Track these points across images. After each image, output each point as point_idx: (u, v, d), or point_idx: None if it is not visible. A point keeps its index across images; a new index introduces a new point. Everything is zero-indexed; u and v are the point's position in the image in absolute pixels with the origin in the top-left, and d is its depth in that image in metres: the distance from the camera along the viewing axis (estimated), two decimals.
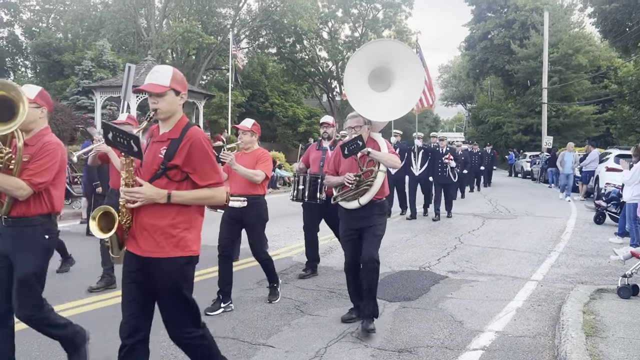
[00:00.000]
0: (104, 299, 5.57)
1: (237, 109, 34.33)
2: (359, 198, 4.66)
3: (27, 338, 4.34)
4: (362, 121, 4.78)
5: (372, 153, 4.66)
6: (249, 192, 5.30)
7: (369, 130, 4.86)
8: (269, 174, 5.42)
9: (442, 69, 76.76)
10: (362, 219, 4.73)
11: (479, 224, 11.64)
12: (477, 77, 51.70)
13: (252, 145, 5.51)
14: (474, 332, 4.75)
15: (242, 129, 5.46)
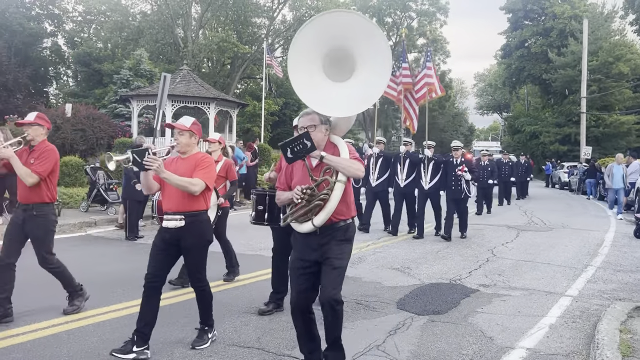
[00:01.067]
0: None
1: (271, 117, 34.61)
2: (312, 218, 3.65)
3: (57, 342, 4.42)
4: (317, 119, 3.75)
5: (328, 158, 3.62)
6: (186, 208, 4.31)
7: (327, 132, 3.84)
8: (211, 184, 4.44)
9: (477, 77, 75.95)
10: (319, 247, 3.71)
11: (512, 236, 11.39)
12: (513, 85, 50.92)
13: (190, 149, 4.48)
14: (504, 349, 4.62)
15: (179, 128, 4.44)
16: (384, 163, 11.18)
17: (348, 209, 3.80)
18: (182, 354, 4.28)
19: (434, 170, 10.82)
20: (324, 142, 3.81)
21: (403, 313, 5.57)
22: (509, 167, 20.49)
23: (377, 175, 11.09)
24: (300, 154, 3.58)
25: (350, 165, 3.65)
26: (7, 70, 27.86)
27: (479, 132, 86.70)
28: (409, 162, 10.87)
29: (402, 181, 10.89)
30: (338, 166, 3.63)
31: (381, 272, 7.54)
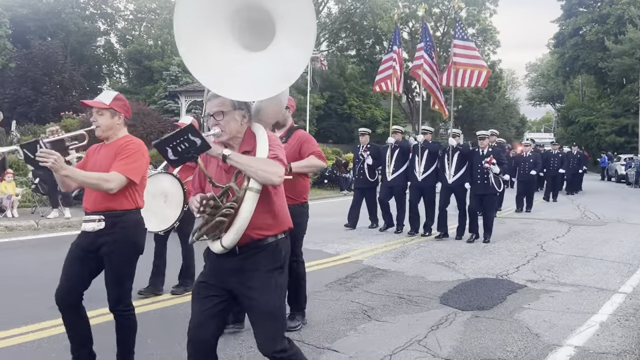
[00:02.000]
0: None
1: (316, 111, 34.68)
2: (222, 236, 2.75)
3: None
4: (229, 103, 2.82)
5: (233, 158, 2.69)
6: (106, 206, 3.42)
7: (245, 120, 2.90)
8: (136, 176, 3.43)
9: (529, 67, 73.79)
10: (238, 273, 2.82)
11: (564, 230, 11.02)
12: (567, 75, 49.20)
13: (113, 133, 3.53)
14: (551, 346, 4.47)
15: (96, 106, 3.49)
16: (401, 155, 10.22)
17: (277, 221, 2.89)
18: (223, 344, 4.34)
19: (460, 162, 9.53)
20: (242, 134, 2.90)
21: (446, 308, 5.48)
22: (558, 158, 18.59)
23: (392, 169, 10.23)
24: (189, 155, 2.63)
25: (260, 168, 2.69)
26: (63, 68, 28.96)
27: (531, 124, 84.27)
28: (428, 153, 9.75)
29: (419, 174, 9.81)
30: (246, 169, 2.70)
31: (425, 266, 7.44)
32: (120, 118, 3.54)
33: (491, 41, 47.12)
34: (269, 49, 2.75)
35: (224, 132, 2.82)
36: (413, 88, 49.17)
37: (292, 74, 2.78)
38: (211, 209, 2.67)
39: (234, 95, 2.77)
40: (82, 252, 3.47)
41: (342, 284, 6.33)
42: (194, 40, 2.80)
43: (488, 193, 9.37)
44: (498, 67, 49.00)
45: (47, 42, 31.68)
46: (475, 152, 9.54)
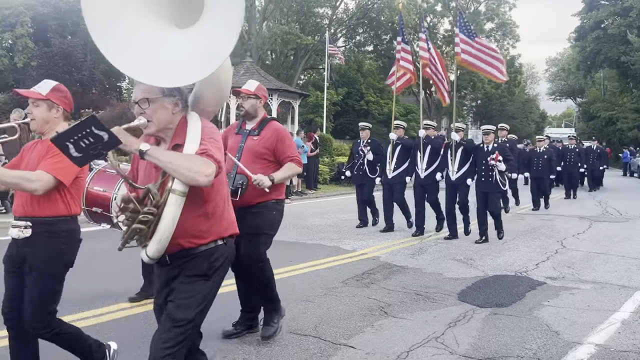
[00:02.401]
0: None
1: (333, 107, 34.61)
2: (146, 245, 2.43)
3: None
4: (157, 90, 2.48)
5: (152, 154, 2.32)
6: (34, 212, 3.01)
7: (179, 108, 2.56)
8: (65, 178, 2.97)
9: (549, 62, 72.70)
10: (168, 283, 2.61)
11: (585, 227, 10.85)
12: (588, 69, 48.31)
13: (49, 127, 3.13)
14: (571, 344, 4.41)
15: (31, 97, 3.11)
16: (403, 151, 9.68)
17: (213, 227, 2.56)
18: (241, 339, 4.36)
19: (463, 158, 9.03)
20: (174, 124, 2.55)
21: (464, 305, 5.43)
22: (575, 154, 17.55)
23: (394, 166, 9.64)
24: (95, 152, 2.27)
25: (182, 166, 2.30)
26: (83, 66, 29.29)
27: (551, 119, 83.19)
28: (431, 149, 9.35)
29: (422, 171, 9.39)
30: (166, 167, 2.33)
31: (443, 263, 7.38)
32: (58, 111, 3.15)
33: (510, 35, 46.51)
34: (197, 26, 2.38)
35: (152, 123, 2.49)
36: (431, 84, 48.87)
37: (221, 53, 2.34)
38: (131, 213, 2.32)
39: (155, 80, 2.38)
40: (11, 263, 3.10)
41: (359, 280, 6.31)
42: (108, 16, 2.37)
43: (492, 191, 8.82)
44: (517, 62, 48.37)
45: (67, 40, 32.06)
46: (479, 148, 8.98)
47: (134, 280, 5.51)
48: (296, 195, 15.37)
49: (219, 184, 2.59)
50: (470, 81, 44.89)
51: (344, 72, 38.53)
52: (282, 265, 6.91)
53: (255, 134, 4.22)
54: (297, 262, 7.11)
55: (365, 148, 10.01)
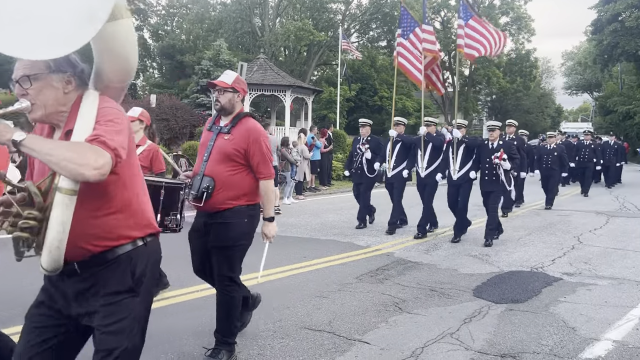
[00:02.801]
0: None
1: (347, 103, 34.56)
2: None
3: None
4: (41, 64, 2.06)
5: (28, 145, 1.89)
6: None
7: (71, 86, 2.15)
8: None
9: (565, 56, 71.83)
10: (79, 298, 2.16)
11: (602, 222, 10.73)
12: (605, 63, 47.66)
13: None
14: (588, 340, 4.36)
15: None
16: (403, 149, 9.23)
17: (127, 222, 2.18)
18: (255, 334, 4.37)
19: (465, 156, 8.56)
20: (67, 106, 2.13)
21: (479, 301, 5.39)
22: (590, 150, 17.11)
23: (393, 164, 9.23)
24: None
25: (65, 157, 1.85)
26: None
27: (567, 114, 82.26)
28: (432, 147, 8.88)
29: (422, 170, 8.95)
30: (46, 160, 1.88)
31: (458, 259, 7.35)
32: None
33: (525, 29, 46.06)
34: None
35: (36, 106, 2.05)
36: (445, 79, 48.56)
37: (99, 16, 1.92)
38: (13, 218, 1.91)
39: (26, 52, 1.89)
40: None
41: (373, 276, 6.30)
42: None
43: (496, 190, 8.36)
44: (533, 56, 47.89)
45: None
46: (484, 145, 8.51)
47: None
48: (310, 192, 15.38)
49: (129, 175, 2.16)
50: (485, 76, 44.55)
51: (357, 68, 38.45)
52: (296, 261, 6.95)
53: (226, 132, 3.75)
54: (311, 258, 7.12)
55: (363, 146, 9.53)
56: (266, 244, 3.95)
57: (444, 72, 48.17)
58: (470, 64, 45.81)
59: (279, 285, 5.86)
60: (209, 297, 4.76)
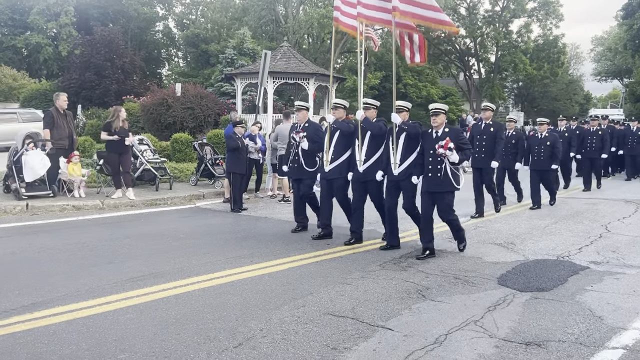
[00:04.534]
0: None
1: (370, 91, 34.37)
2: None
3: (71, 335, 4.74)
4: None
5: None
6: None
7: None
8: None
9: (594, 41, 70.15)
10: None
11: (631, 210, 10.52)
12: (636, 48, 46.41)
13: None
14: (615, 329, 4.31)
15: None
16: (342, 139, 7.49)
17: None
18: (280, 320, 4.43)
19: (407, 147, 6.89)
20: None
21: (504, 289, 5.36)
22: (597, 137, 14.41)
23: (331, 156, 7.51)
24: None
25: None
26: (124, 53, 29.86)
27: (596, 101, 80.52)
28: (371, 136, 7.22)
29: (360, 164, 7.24)
30: None
31: (482, 247, 7.29)
32: None
33: (554, 15, 45.05)
34: None
35: None
36: (471, 65, 47.86)
37: None
38: None
39: None
40: None
41: (397, 264, 6.30)
42: None
43: (442, 191, 6.63)
44: (561, 42, 46.87)
45: (109, 28, 32.71)
46: (427, 134, 6.75)
47: (173, 262, 5.66)
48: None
49: None
50: (512, 62, 43.78)
51: (381, 55, 38.17)
52: (320, 248, 6.99)
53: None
54: (334, 246, 7.14)
55: (298, 135, 7.82)
56: None
57: (470, 58, 47.51)
58: (496, 50, 45.07)
59: (303, 271, 5.90)
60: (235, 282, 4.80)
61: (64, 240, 7.15)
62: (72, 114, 11.83)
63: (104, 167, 10.77)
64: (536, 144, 10.89)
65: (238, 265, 6.09)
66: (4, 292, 4.95)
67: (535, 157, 10.82)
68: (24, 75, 33.54)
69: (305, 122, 8.11)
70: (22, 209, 9.18)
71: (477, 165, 9.84)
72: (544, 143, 10.78)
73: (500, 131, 9.89)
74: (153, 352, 3.77)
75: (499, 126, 10.03)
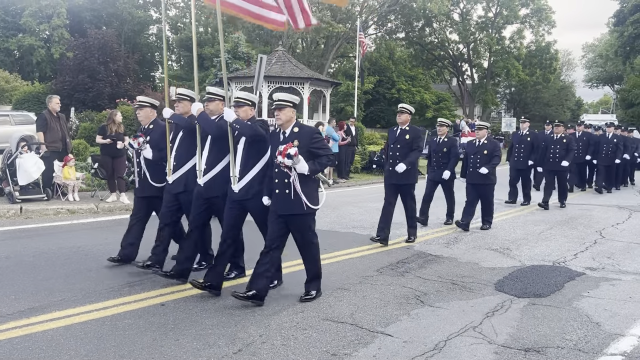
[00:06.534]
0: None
1: (364, 95, 34.42)
2: None
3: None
4: None
5: None
6: None
7: None
8: None
9: (586, 48, 70.73)
10: None
11: (624, 216, 10.59)
12: (627, 55, 46.82)
13: None
14: (612, 336, 4.33)
15: None
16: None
17: None
18: (279, 325, 4.41)
19: (249, 153, 5.18)
20: None
21: (501, 295, 5.38)
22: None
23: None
24: None
25: None
26: (118, 56, 29.72)
27: (588, 106, 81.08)
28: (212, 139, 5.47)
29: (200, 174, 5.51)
30: None
31: (478, 252, 7.31)
32: None
33: (546, 21, 45.32)
34: None
35: None
36: (464, 70, 48.08)
37: None
38: None
39: None
40: None
41: (394, 269, 6.30)
42: None
43: (295, 213, 4.96)
44: (553, 48, 47.17)
45: (102, 30, 32.59)
46: (275, 135, 5.15)
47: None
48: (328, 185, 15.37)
49: None
50: (504, 68, 44.03)
51: (375, 60, 38.25)
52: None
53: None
54: (332, 250, 7.14)
55: (135, 140, 6.11)
56: None
57: (463, 64, 47.70)
58: (489, 56, 45.32)
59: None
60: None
61: (59, 244, 7.10)
62: (65, 116, 11.75)
63: (98, 170, 10.72)
64: (473, 152, 9.19)
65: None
66: (0, 298, 4.91)
67: (471, 168, 9.13)
68: (16, 77, 33.31)
69: (150, 124, 6.26)
70: (16, 212, 9.10)
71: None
72: (480, 151, 9.03)
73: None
74: (152, 358, 3.75)
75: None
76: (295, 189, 4.88)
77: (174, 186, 5.75)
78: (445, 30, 46.10)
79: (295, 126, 5.07)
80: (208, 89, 5.74)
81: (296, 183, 4.87)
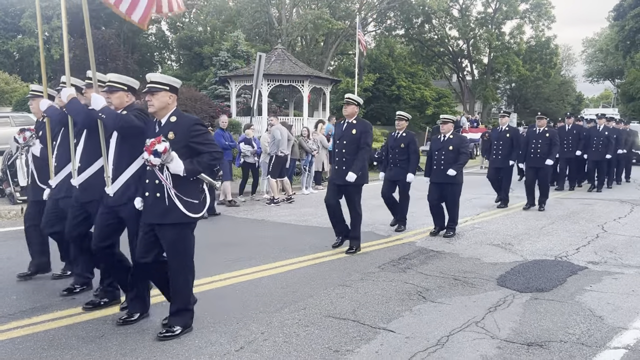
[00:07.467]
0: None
1: (364, 93, 34.39)
2: None
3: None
4: None
5: None
6: None
7: None
8: None
9: (586, 43, 70.60)
10: None
11: (626, 211, 10.57)
12: (627, 49, 46.72)
13: None
14: (615, 329, 4.32)
15: None
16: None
17: None
18: (281, 322, 4.41)
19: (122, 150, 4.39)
20: None
21: (504, 290, 5.36)
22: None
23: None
24: None
25: None
26: (117, 56, 29.77)
27: (588, 101, 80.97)
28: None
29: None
30: None
31: (480, 248, 7.30)
32: None
33: (546, 16, 45.24)
34: None
35: None
36: (464, 67, 48.02)
37: None
38: None
39: None
40: None
41: (396, 265, 6.29)
42: None
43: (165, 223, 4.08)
44: (553, 43, 47.09)
45: (102, 31, 32.59)
46: (150, 123, 4.35)
47: None
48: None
49: None
50: (504, 63, 43.97)
51: (375, 57, 38.22)
52: (318, 250, 6.98)
53: None
54: (332, 248, 7.12)
55: (21, 135, 5.56)
56: None
57: (463, 60, 47.62)
58: (489, 52, 45.25)
59: (302, 274, 5.88)
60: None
61: None
62: None
63: None
64: (437, 148, 8.32)
65: (237, 268, 6.06)
66: (2, 297, 4.91)
67: (435, 166, 8.26)
68: (16, 78, 33.32)
69: (42, 116, 5.36)
70: (17, 213, 9.10)
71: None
72: (445, 147, 8.18)
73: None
74: (154, 356, 3.75)
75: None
76: (169, 193, 4.00)
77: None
78: (444, 27, 46.04)
79: (172, 115, 4.12)
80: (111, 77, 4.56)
81: (169, 186, 3.98)
